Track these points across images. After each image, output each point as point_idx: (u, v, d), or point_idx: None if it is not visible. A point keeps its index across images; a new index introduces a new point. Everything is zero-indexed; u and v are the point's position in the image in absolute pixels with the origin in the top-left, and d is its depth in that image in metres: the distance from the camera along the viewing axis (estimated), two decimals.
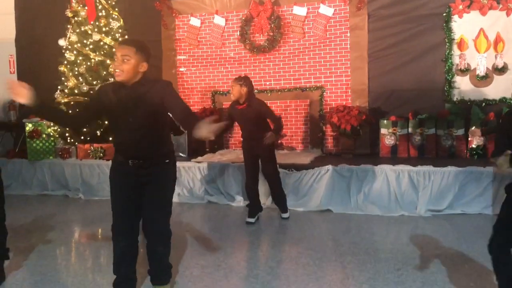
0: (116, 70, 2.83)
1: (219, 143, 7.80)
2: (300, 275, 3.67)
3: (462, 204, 5.34)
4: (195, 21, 7.90)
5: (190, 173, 6.40)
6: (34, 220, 5.66)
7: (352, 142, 6.86)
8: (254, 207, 5.31)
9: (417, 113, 6.70)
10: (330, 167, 5.79)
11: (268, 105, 5.22)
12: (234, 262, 4.02)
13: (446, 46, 6.75)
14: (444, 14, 6.74)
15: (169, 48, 8.12)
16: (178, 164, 6.26)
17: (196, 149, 7.53)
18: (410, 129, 6.63)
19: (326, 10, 7.21)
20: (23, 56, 8.81)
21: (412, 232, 4.78)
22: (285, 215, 5.38)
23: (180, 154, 7.17)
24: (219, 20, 7.75)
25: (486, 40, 6.65)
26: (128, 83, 2.87)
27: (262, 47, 7.54)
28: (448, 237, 4.56)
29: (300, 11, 7.35)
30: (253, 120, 4.98)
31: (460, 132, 6.42)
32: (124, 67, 2.81)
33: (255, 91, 7.35)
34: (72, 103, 6.95)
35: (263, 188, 5.97)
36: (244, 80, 4.94)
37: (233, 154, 7.14)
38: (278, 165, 5.37)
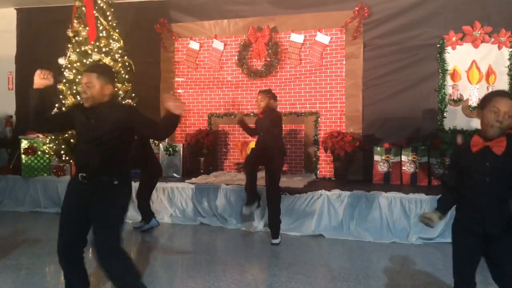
0: (83, 97, 3.05)
1: (213, 165, 7.84)
2: None
3: None
4: (194, 45, 8.03)
5: (183, 194, 6.41)
6: (25, 237, 5.63)
7: (345, 167, 6.92)
8: (251, 194, 5.31)
9: (410, 141, 6.79)
10: (323, 192, 5.83)
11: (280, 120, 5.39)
12: (224, 286, 4.01)
13: (440, 76, 6.89)
14: (438, 45, 6.90)
15: (167, 70, 8.23)
16: (172, 184, 6.38)
17: (190, 170, 7.56)
18: (403, 157, 6.70)
19: (322, 38, 7.37)
20: (22, 73, 8.88)
21: (403, 259, 4.79)
22: (275, 241, 5.31)
23: (174, 174, 7.20)
24: (217, 45, 7.89)
25: (478, 72, 6.80)
26: (95, 104, 3.05)
27: (259, 72, 7.66)
28: (439, 266, 4.57)
29: (297, 38, 7.50)
30: (265, 129, 5.30)
31: None
32: (89, 93, 3.02)
33: (251, 114, 7.51)
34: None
35: (257, 210, 5.99)
36: (270, 93, 5.41)
37: (227, 176, 7.17)
38: (278, 184, 5.35)
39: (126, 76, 7.48)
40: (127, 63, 7.55)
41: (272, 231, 5.37)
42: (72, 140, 6.85)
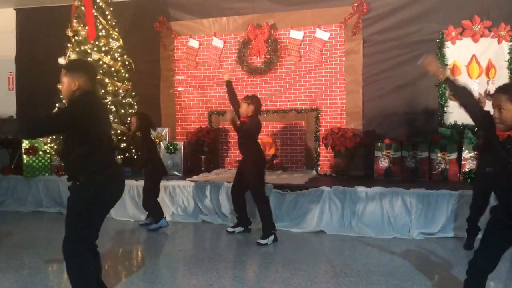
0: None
1: (214, 162, 7.85)
2: None
3: (455, 228, 5.37)
4: (193, 43, 8.03)
5: (185, 192, 6.43)
6: (28, 237, 5.65)
7: (346, 163, 6.93)
8: (237, 217, 5.61)
9: (411, 136, 6.79)
10: (324, 188, 5.84)
11: (258, 124, 5.34)
12: (227, 282, 4.02)
13: None
14: (438, 40, 6.89)
15: (167, 68, 8.23)
16: (173, 183, 6.39)
17: (191, 168, 7.57)
18: (403, 152, 6.70)
19: (322, 34, 7.36)
20: (22, 73, 8.90)
21: (404, 254, 4.79)
22: (261, 241, 5.19)
23: (175, 172, 7.21)
24: (217, 42, 7.89)
25: (478, 66, 6.80)
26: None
27: (259, 69, 7.66)
28: (440, 261, 4.58)
29: (296, 35, 7.49)
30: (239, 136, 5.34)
31: (453, 156, 6.50)
32: (62, 90, 3.05)
33: None
34: None
35: (256, 208, 6.00)
36: (251, 99, 5.29)
37: (228, 173, 7.18)
38: (264, 187, 5.38)
39: (126, 75, 7.51)
40: (127, 62, 7.57)
41: (262, 231, 5.32)
42: None
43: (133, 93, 7.56)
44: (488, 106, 6.73)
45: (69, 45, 7.35)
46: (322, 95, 7.44)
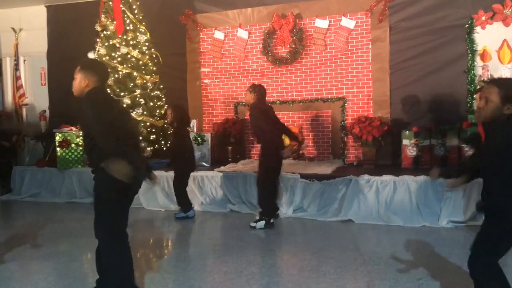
0: None
1: (241, 153, 7.93)
2: (321, 283, 3.73)
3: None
4: (219, 35, 8.08)
5: (213, 182, 6.53)
6: (63, 226, 5.86)
7: (373, 152, 6.89)
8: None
9: (440, 124, 6.69)
10: (351, 177, 5.84)
11: (260, 116, 5.37)
12: (256, 270, 4.10)
13: (469, 57, 6.74)
14: (467, 26, 6.75)
15: (193, 61, 8.32)
16: (202, 173, 6.50)
17: (219, 159, 7.67)
18: (432, 140, 6.62)
19: (347, 22, 7.31)
20: (54, 68, 9.14)
21: (433, 243, 4.77)
22: (252, 223, 5.42)
23: (203, 163, 7.32)
24: (242, 33, 7.92)
25: (510, 51, 6.62)
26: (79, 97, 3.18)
27: (284, 59, 7.66)
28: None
29: (322, 23, 7.46)
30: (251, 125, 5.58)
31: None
32: (73, 84, 3.19)
33: (277, 102, 7.53)
34: None
35: (284, 197, 6.06)
36: (253, 88, 5.44)
37: (255, 163, 7.21)
38: (270, 176, 5.43)
39: (154, 68, 7.64)
40: (154, 55, 7.69)
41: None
42: None
43: (161, 86, 7.69)
44: None
45: (98, 39, 7.52)
46: (348, 83, 7.40)
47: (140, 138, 7.27)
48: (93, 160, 3.14)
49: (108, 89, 6.87)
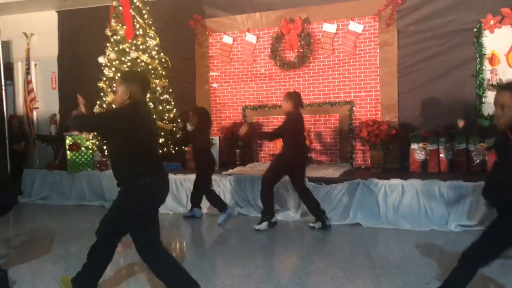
0: None
1: (249, 156, 7.97)
2: (329, 286, 3.74)
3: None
4: (227, 39, 8.14)
5: (221, 185, 6.57)
6: (73, 229, 5.93)
7: (381, 156, 6.89)
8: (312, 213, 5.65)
9: (448, 128, 6.69)
10: (359, 181, 5.85)
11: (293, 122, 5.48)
12: (264, 273, 4.12)
13: (477, 61, 6.74)
14: (475, 30, 6.74)
15: (202, 65, 8.38)
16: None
17: (227, 162, 7.72)
18: (440, 144, 6.61)
19: (355, 27, 7.33)
20: (64, 73, 9.26)
21: (442, 247, 4.77)
22: (255, 226, 5.51)
23: None
24: (250, 38, 7.97)
25: None
26: None
27: (292, 63, 7.70)
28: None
29: (330, 28, 7.49)
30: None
31: None
32: (115, 97, 3.28)
33: None
34: None
35: (292, 201, 6.09)
36: (289, 96, 5.54)
37: (263, 166, 7.26)
38: (273, 176, 5.54)
39: (163, 72, 7.70)
40: (163, 60, 7.76)
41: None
42: None
43: (170, 90, 7.76)
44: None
45: (108, 44, 7.60)
46: (356, 87, 7.42)
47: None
48: (120, 177, 3.18)
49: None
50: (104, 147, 7.18)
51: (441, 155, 6.57)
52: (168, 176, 3.37)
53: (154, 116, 7.29)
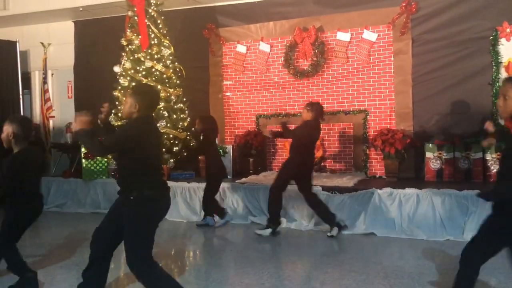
0: None
1: (262, 165, 7.96)
2: None
3: None
4: (241, 48, 8.19)
5: (235, 194, 6.57)
6: (88, 236, 5.94)
7: (396, 165, 6.83)
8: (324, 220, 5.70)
9: (464, 137, 6.61)
10: (374, 190, 5.80)
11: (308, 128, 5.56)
12: (278, 282, 4.09)
13: (493, 69, 6.67)
14: (491, 38, 6.68)
15: (216, 74, 8.43)
16: (223, 185, 6.55)
17: (240, 171, 7.72)
18: (456, 153, 6.53)
19: (369, 35, 7.32)
20: (80, 82, 9.39)
21: (457, 257, 4.63)
22: (257, 231, 5.61)
23: None
24: (264, 47, 8.00)
25: None
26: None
27: (305, 72, 7.70)
28: (497, 264, 4.43)
29: (343, 36, 7.48)
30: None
31: None
32: (123, 108, 3.31)
33: (298, 114, 7.57)
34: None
35: (305, 210, 6.05)
36: (311, 106, 5.63)
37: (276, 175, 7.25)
38: (281, 183, 5.60)
39: (177, 81, 7.76)
40: (178, 69, 7.82)
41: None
42: None
43: (184, 99, 7.81)
44: None
45: (123, 54, 7.69)
46: (370, 96, 7.39)
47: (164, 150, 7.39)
48: (125, 188, 3.20)
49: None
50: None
51: (456, 165, 6.47)
52: (169, 190, 3.36)
53: (168, 125, 7.36)
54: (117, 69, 7.63)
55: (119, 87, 7.57)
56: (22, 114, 8.31)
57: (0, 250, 3.75)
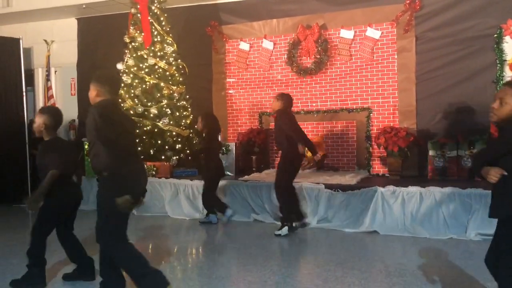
0: None
1: (265, 162, 7.96)
2: None
3: None
4: (244, 45, 8.18)
5: (237, 192, 6.56)
6: (91, 233, 5.96)
7: (399, 163, 6.81)
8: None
9: (467, 135, 6.58)
10: (377, 188, 5.79)
11: (287, 121, 5.45)
12: (280, 279, 4.09)
13: (497, 67, 6.64)
14: (495, 36, 6.65)
15: (219, 71, 8.43)
16: (226, 182, 6.55)
17: (243, 169, 7.72)
18: (459, 151, 6.51)
19: (373, 33, 7.29)
20: (83, 79, 9.37)
21: (461, 255, 4.68)
22: (276, 232, 5.52)
23: (228, 173, 7.37)
24: (267, 44, 7.99)
25: None
26: None
27: (309, 70, 7.69)
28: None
29: (347, 34, 7.46)
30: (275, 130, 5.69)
31: None
32: (89, 94, 3.45)
33: (302, 112, 7.56)
34: None
35: (308, 208, 6.05)
36: (281, 96, 5.60)
37: None
38: (287, 179, 5.52)
39: (180, 79, 7.76)
40: (180, 66, 7.83)
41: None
42: None
43: (187, 96, 7.81)
44: None
45: (126, 51, 7.70)
46: (373, 94, 7.37)
47: (166, 147, 7.39)
48: (97, 168, 3.31)
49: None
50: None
51: (460, 163, 6.45)
52: (145, 166, 3.44)
53: (171, 122, 7.36)
54: (120, 66, 7.63)
55: (122, 84, 7.56)
56: (25, 111, 8.31)
57: (35, 236, 3.97)
